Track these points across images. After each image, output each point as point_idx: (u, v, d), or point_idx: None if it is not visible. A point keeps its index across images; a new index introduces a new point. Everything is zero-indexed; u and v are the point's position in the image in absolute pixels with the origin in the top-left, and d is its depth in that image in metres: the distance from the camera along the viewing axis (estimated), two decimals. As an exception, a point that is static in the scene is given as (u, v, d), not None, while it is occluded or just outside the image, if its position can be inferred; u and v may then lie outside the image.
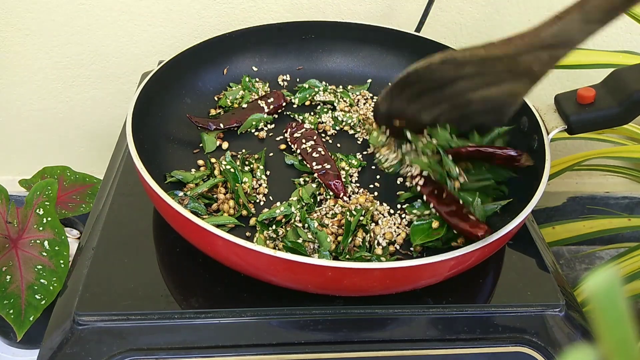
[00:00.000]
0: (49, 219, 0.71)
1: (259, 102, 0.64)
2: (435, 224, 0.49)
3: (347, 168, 0.57)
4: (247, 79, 0.66)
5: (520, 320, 0.46)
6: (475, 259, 0.44)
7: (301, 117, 0.64)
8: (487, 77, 0.45)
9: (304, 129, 0.61)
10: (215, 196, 0.53)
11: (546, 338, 0.45)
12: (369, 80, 0.71)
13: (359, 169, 0.58)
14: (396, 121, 0.52)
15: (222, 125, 0.60)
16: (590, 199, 1.10)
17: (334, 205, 0.52)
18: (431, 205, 0.50)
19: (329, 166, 0.55)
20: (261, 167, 0.56)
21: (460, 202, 0.49)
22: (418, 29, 0.77)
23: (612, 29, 0.89)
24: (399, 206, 0.54)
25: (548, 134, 0.53)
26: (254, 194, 0.54)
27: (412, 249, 0.50)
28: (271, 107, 0.63)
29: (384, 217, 0.52)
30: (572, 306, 0.48)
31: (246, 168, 0.56)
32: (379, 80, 0.71)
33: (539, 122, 0.54)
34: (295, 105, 0.67)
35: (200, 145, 0.59)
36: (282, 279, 0.43)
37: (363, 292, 0.45)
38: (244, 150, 0.59)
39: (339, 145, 0.61)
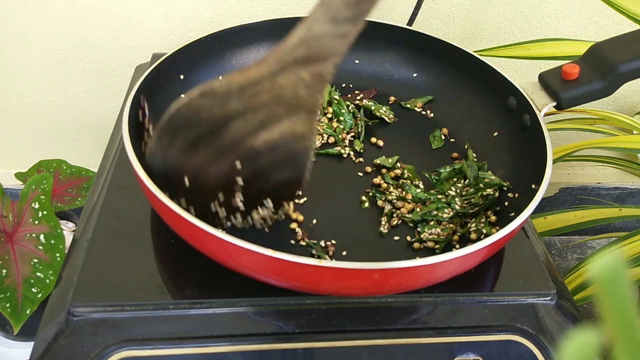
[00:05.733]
0: (45, 212, 0.71)
1: None
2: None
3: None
4: None
5: (511, 309, 0.46)
6: (484, 254, 0.44)
7: None
8: (259, 112, 0.36)
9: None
10: None
11: (537, 326, 0.46)
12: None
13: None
14: (184, 178, 0.40)
15: None
16: (582, 190, 1.11)
17: None
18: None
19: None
20: None
21: None
22: (410, 22, 0.77)
23: (605, 21, 0.89)
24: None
25: (540, 111, 0.54)
26: None
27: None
28: None
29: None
30: (563, 295, 0.49)
31: None
32: (369, 77, 0.70)
33: (528, 100, 0.55)
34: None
35: None
36: (281, 280, 0.42)
37: (375, 292, 0.44)
38: None
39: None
